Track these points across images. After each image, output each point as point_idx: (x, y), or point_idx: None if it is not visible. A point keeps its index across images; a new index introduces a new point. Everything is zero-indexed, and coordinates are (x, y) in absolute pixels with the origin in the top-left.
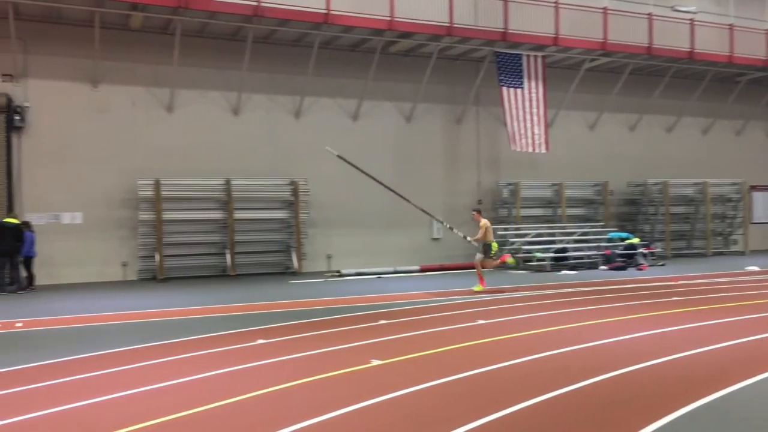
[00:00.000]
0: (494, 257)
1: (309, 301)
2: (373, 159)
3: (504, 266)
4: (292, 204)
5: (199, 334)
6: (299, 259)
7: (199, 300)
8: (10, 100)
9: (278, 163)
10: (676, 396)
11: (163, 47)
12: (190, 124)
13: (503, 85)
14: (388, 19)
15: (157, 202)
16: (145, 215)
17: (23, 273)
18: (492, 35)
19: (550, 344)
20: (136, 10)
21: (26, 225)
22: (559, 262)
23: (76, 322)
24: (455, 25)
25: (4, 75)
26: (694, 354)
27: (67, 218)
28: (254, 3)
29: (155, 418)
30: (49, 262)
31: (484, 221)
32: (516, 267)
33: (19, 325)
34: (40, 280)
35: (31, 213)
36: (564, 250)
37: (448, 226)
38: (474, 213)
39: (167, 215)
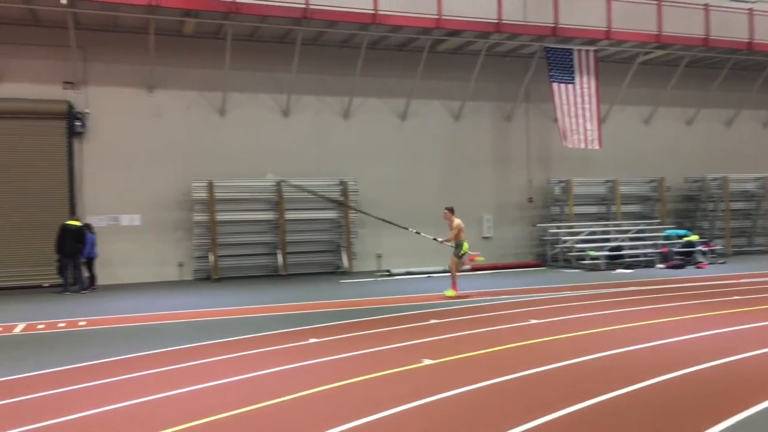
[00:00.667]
0: (464, 258)
1: (359, 300)
2: (422, 158)
3: (471, 264)
4: (341, 204)
5: (252, 333)
6: (349, 259)
7: (252, 299)
8: (71, 106)
9: (327, 163)
10: (737, 399)
11: (214, 52)
12: (241, 127)
13: (554, 81)
14: (436, 17)
15: (210, 203)
16: (200, 216)
17: (85, 273)
18: (542, 30)
19: (605, 345)
20: (189, 16)
21: (87, 227)
22: (614, 260)
23: (136, 321)
24: (504, 22)
25: (65, 83)
26: (755, 355)
27: (125, 220)
28: (303, 5)
29: (210, 416)
30: (109, 262)
31: (457, 221)
32: (484, 261)
33: (83, 323)
34: (100, 279)
35: (92, 215)
36: (619, 248)
37: (414, 231)
38: (445, 212)
39: (220, 216)
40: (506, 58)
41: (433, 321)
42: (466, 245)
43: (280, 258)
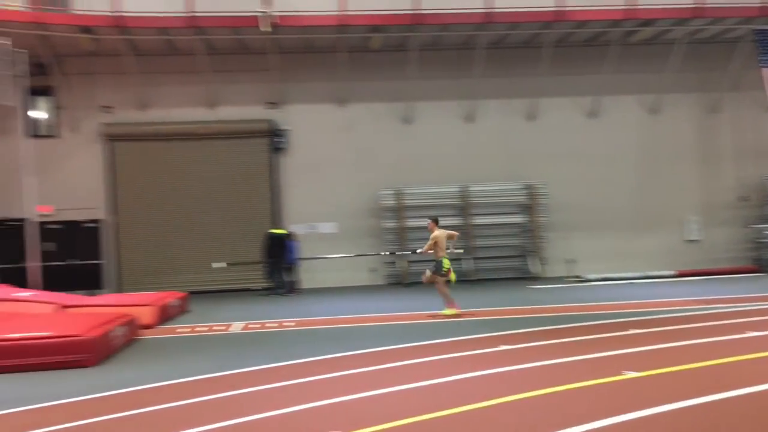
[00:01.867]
0: (444, 274)
1: (550, 307)
2: (614, 157)
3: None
4: (528, 208)
5: (443, 337)
6: (539, 264)
7: (443, 304)
8: (273, 124)
9: (513, 167)
10: None
11: (399, 63)
12: (426, 134)
13: (765, 66)
14: (627, 8)
15: (399, 210)
16: (389, 223)
17: (289, 278)
18: (748, 12)
19: None
20: (376, 32)
21: (291, 235)
22: None
23: (337, 323)
24: (704, 5)
25: (267, 103)
26: None
27: (323, 228)
28: (485, 10)
29: (402, 419)
30: (310, 267)
31: (436, 233)
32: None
33: (291, 324)
34: (301, 283)
35: (294, 224)
36: None
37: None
38: (429, 223)
39: (409, 223)
40: (706, 44)
41: (633, 331)
42: (447, 262)
43: (467, 263)
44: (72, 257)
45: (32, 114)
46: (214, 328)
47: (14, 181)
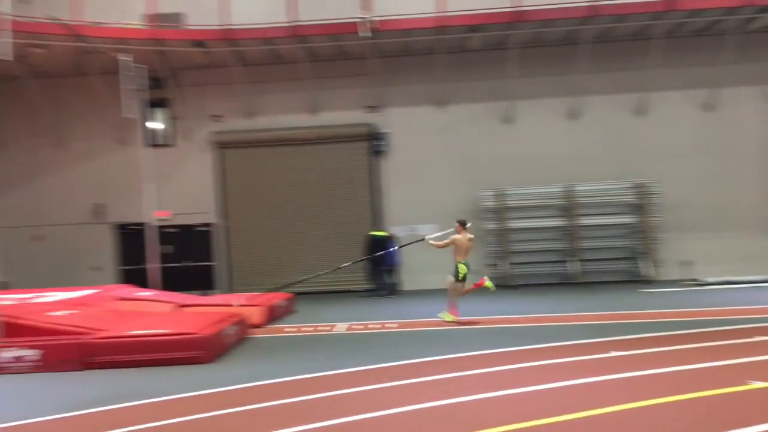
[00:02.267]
0: (462, 281)
1: (665, 312)
2: (734, 153)
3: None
4: (639, 207)
5: (549, 342)
6: (652, 267)
7: (547, 308)
8: (373, 128)
9: (622, 164)
10: None
11: (498, 62)
12: (528, 134)
13: None
14: None
15: (500, 211)
16: (490, 225)
17: (390, 279)
18: None
19: None
20: (474, 31)
21: (391, 237)
22: None
23: (439, 325)
24: None
25: (367, 107)
26: None
27: (423, 230)
28: (589, 3)
29: (509, 424)
30: (410, 269)
31: (458, 237)
32: (493, 291)
33: (393, 325)
34: (402, 285)
35: (394, 226)
36: None
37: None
38: (457, 225)
39: (511, 224)
40: None
41: (758, 338)
42: (463, 268)
43: (573, 265)
44: (187, 259)
45: (150, 125)
46: (319, 328)
47: (135, 187)
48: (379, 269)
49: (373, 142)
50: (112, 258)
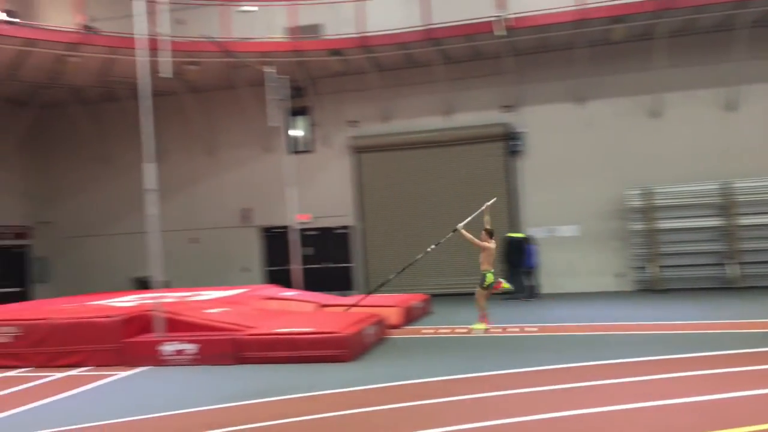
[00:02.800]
0: (488, 288)
1: None
2: None
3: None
4: None
5: (704, 351)
6: None
7: (702, 314)
8: (508, 128)
9: None
10: None
11: (643, 53)
12: (677, 127)
13: None
14: None
15: (647, 211)
16: (636, 225)
17: (529, 282)
18: None
19: None
20: (617, 22)
21: (529, 239)
22: None
23: (581, 330)
24: None
25: (503, 106)
26: None
27: (563, 231)
28: None
29: None
30: (549, 272)
31: (488, 244)
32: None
33: (533, 329)
34: (541, 288)
35: (531, 227)
36: None
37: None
38: (483, 234)
39: (660, 224)
40: None
41: None
42: (490, 276)
43: (731, 268)
44: (326, 261)
45: (292, 132)
46: (457, 330)
47: (278, 192)
48: (517, 271)
49: (510, 141)
50: (259, 259)
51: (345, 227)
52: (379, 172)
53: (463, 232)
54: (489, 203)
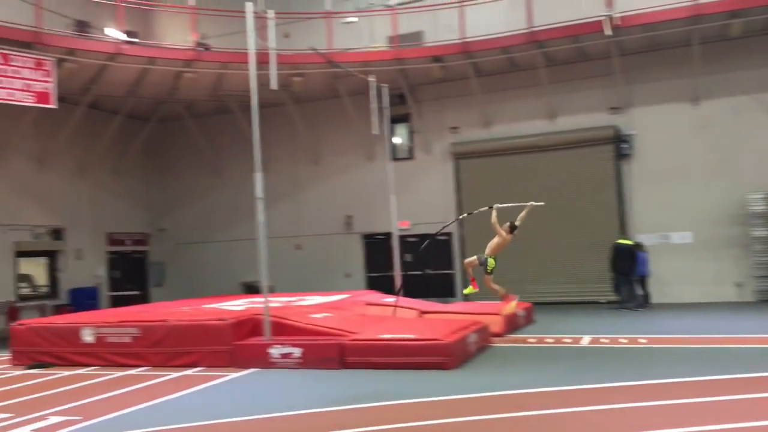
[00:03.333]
0: (489, 274)
1: None
2: None
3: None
4: None
5: None
6: None
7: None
8: (617, 130)
9: None
10: None
11: (764, 48)
12: None
13: None
14: None
15: None
16: (759, 232)
17: (639, 291)
18: None
19: None
20: (735, 17)
21: (639, 246)
22: None
23: (697, 342)
24: None
25: (611, 108)
26: None
27: (676, 238)
28: None
29: None
30: (661, 280)
31: (502, 233)
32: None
33: (643, 341)
34: (652, 297)
35: (641, 234)
36: None
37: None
38: (506, 226)
39: None
40: None
41: None
42: (492, 262)
43: None
44: (426, 267)
45: (393, 140)
46: (563, 340)
47: (379, 199)
48: (627, 280)
49: (618, 144)
50: (361, 265)
51: (445, 234)
52: (479, 178)
53: (495, 212)
54: (536, 204)
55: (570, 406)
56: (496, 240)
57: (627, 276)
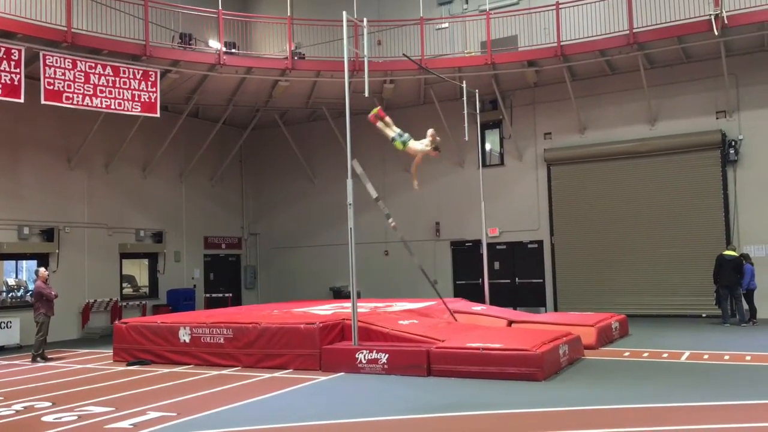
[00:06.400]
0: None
1: None
2: None
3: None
4: None
5: None
6: None
7: None
8: (724, 135)
9: None
10: None
11: None
12: None
13: None
14: None
15: None
16: None
17: (745, 306)
18: None
19: None
20: None
21: (745, 257)
22: None
23: None
24: None
25: (717, 112)
26: None
27: None
28: None
29: None
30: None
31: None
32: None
33: (748, 358)
34: (761, 313)
35: (748, 245)
36: None
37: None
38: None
39: None
40: None
41: None
42: (399, 145)
43: None
44: (514, 275)
45: (484, 146)
46: (661, 354)
47: (467, 206)
48: (732, 293)
49: (724, 150)
50: (449, 272)
51: (536, 242)
52: (571, 186)
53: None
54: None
55: (668, 425)
56: (419, 148)
57: (732, 289)
